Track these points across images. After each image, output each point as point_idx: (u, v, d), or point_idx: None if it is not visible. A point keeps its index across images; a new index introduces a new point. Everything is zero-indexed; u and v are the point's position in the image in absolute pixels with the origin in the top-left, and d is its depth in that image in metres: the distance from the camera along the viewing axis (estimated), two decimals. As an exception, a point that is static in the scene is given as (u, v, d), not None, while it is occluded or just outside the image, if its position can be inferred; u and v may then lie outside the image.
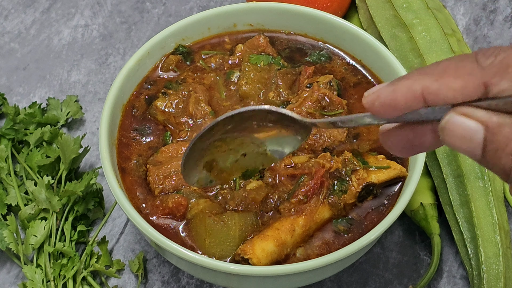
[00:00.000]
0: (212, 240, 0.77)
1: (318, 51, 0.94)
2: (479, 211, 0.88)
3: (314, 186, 0.79)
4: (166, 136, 0.86)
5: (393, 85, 0.55)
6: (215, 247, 0.77)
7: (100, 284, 0.91)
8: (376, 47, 0.90)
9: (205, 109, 0.87)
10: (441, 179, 0.93)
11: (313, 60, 0.93)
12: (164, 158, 0.84)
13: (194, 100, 0.87)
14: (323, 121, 0.65)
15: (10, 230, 0.89)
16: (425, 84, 0.53)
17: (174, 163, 0.82)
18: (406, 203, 0.78)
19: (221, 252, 0.77)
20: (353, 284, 0.92)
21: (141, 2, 1.21)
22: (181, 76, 0.91)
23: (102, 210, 0.97)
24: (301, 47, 0.95)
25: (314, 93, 0.85)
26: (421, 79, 0.53)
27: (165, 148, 0.84)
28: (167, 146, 0.85)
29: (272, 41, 0.94)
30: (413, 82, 0.54)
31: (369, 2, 1.06)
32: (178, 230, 0.80)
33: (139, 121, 0.88)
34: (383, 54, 0.89)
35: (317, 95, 0.85)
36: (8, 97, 1.10)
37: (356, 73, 0.92)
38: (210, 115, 0.86)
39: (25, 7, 1.21)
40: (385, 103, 0.55)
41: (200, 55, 0.94)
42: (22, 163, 0.97)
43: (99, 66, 1.14)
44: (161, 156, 0.84)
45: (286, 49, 0.94)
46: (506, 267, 0.86)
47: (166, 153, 0.84)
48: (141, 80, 0.91)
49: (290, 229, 0.77)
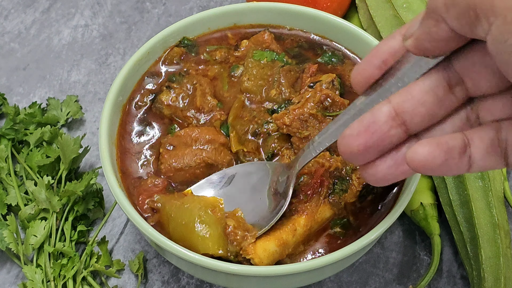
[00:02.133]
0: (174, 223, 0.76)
1: (330, 52, 0.93)
2: (479, 211, 0.88)
3: (314, 185, 0.79)
4: (173, 128, 0.86)
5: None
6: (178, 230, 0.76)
7: (100, 284, 0.91)
8: (376, 47, 0.90)
9: (212, 102, 0.87)
10: (441, 179, 0.93)
11: (324, 61, 0.93)
12: (178, 143, 0.83)
13: (200, 93, 0.87)
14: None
15: (10, 230, 0.89)
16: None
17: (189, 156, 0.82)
18: (406, 203, 0.77)
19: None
20: (353, 284, 0.92)
21: (141, 2, 1.21)
22: (184, 68, 0.91)
23: (102, 210, 0.97)
24: (312, 47, 0.94)
25: (316, 93, 0.85)
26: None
27: (180, 133, 0.84)
28: (184, 130, 0.84)
29: (281, 38, 0.94)
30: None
31: (369, 2, 1.06)
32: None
33: (140, 119, 0.88)
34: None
35: (319, 96, 0.85)
36: (8, 97, 1.10)
37: None
38: (218, 107, 0.86)
39: (25, 7, 1.21)
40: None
41: (205, 48, 0.94)
42: (22, 163, 0.97)
43: (99, 66, 1.14)
44: (176, 139, 0.84)
45: (296, 47, 0.94)
46: (506, 267, 0.86)
47: (181, 138, 0.84)
48: (141, 77, 0.91)
49: (292, 229, 0.77)
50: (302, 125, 0.84)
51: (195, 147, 0.83)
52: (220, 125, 0.86)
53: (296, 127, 0.84)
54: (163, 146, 0.84)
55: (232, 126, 0.85)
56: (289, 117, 0.83)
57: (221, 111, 0.87)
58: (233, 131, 0.85)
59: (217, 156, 0.83)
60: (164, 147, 0.84)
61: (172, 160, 0.82)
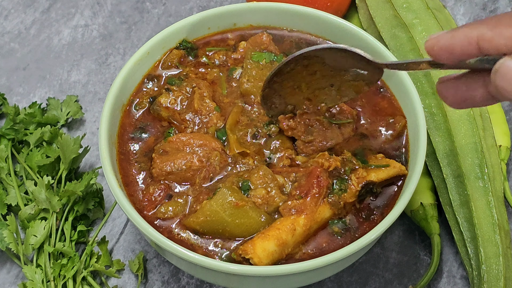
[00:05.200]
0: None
1: None
2: (479, 211, 0.88)
3: (309, 184, 0.79)
4: (171, 131, 0.86)
5: (452, 31, 0.61)
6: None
7: (100, 284, 0.91)
8: (376, 47, 0.90)
9: (210, 105, 0.86)
10: (441, 179, 0.93)
11: None
12: (170, 149, 0.83)
13: (198, 97, 0.87)
14: (391, 63, 0.73)
15: (10, 230, 0.89)
16: (481, 32, 0.58)
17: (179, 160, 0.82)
18: (406, 203, 0.77)
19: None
20: (353, 284, 0.92)
21: (141, 2, 1.21)
22: (183, 72, 0.91)
23: (102, 210, 0.97)
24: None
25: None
26: (478, 27, 0.59)
27: (173, 138, 0.84)
28: (176, 136, 0.84)
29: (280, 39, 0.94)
30: (470, 29, 0.59)
31: (369, 2, 1.06)
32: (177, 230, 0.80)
33: (139, 120, 0.88)
34: (383, 54, 0.89)
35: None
36: (8, 97, 1.10)
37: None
38: (215, 111, 0.86)
39: (25, 7, 1.21)
40: (443, 47, 0.61)
41: (205, 51, 0.94)
42: (22, 163, 0.97)
43: (99, 66, 1.14)
44: (168, 145, 0.84)
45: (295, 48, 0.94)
46: (506, 267, 0.86)
47: (173, 144, 0.84)
48: (141, 78, 0.91)
49: (291, 229, 0.77)
50: (307, 129, 0.84)
51: (186, 152, 0.83)
52: (215, 130, 0.85)
53: (301, 131, 0.84)
54: (156, 151, 0.84)
55: (230, 130, 0.85)
56: (295, 120, 0.83)
57: (218, 114, 0.86)
58: (232, 134, 0.84)
59: (209, 160, 0.82)
60: (157, 152, 0.84)
61: (163, 165, 0.82)
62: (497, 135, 0.98)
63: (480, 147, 0.92)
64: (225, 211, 0.77)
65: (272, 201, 0.79)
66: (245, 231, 0.78)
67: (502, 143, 0.98)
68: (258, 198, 0.79)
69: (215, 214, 0.77)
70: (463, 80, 0.65)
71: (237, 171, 0.82)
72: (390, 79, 0.89)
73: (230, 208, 0.77)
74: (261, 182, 0.80)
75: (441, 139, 0.94)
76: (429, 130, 0.94)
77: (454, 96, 0.66)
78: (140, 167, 0.85)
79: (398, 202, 0.79)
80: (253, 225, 0.78)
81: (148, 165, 0.84)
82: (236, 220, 0.77)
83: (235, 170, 0.82)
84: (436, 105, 0.95)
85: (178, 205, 0.81)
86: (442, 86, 0.67)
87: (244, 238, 0.78)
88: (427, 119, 0.95)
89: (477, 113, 0.96)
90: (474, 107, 0.67)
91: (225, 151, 0.83)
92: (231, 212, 0.77)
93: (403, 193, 0.79)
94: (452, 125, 0.93)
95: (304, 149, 0.84)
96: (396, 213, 0.77)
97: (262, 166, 0.81)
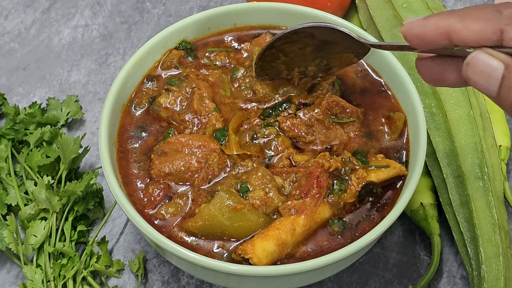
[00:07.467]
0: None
1: None
2: (479, 211, 0.88)
3: (309, 184, 0.79)
4: (170, 132, 0.86)
5: (424, 20, 0.62)
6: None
7: (100, 284, 0.91)
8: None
9: (210, 106, 0.86)
10: (441, 179, 0.93)
11: None
12: (169, 150, 0.83)
13: (198, 97, 0.87)
14: (376, 43, 0.77)
15: (10, 230, 0.89)
16: (450, 23, 0.59)
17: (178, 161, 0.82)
18: (406, 203, 0.77)
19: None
20: (353, 284, 0.92)
21: (141, 2, 1.21)
22: (183, 73, 0.91)
23: (102, 210, 0.97)
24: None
25: (323, 101, 0.85)
26: (448, 18, 0.60)
27: (172, 139, 0.84)
28: (175, 137, 0.84)
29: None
30: (441, 20, 0.60)
31: (369, 2, 1.06)
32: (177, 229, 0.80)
33: (139, 121, 0.88)
34: (383, 54, 0.89)
35: (325, 104, 0.85)
36: (8, 97, 1.10)
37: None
38: (214, 112, 0.86)
39: (25, 7, 1.21)
40: (416, 34, 0.62)
41: (204, 52, 0.94)
42: (22, 163, 0.97)
43: (99, 66, 1.14)
44: (167, 146, 0.84)
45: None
46: (506, 267, 0.86)
47: (172, 145, 0.84)
48: (141, 78, 0.91)
49: (291, 229, 0.77)
50: (308, 130, 0.84)
51: (185, 153, 0.83)
52: (213, 131, 0.85)
53: (302, 131, 0.84)
54: (154, 152, 0.84)
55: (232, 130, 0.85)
56: (296, 120, 0.83)
57: (217, 115, 0.86)
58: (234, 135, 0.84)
59: (208, 161, 0.82)
60: (156, 153, 0.84)
61: (162, 166, 0.82)
62: (497, 135, 0.98)
63: (480, 147, 0.92)
64: (224, 214, 0.77)
65: (270, 202, 0.79)
66: (244, 233, 0.78)
67: (502, 143, 0.98)
68: (257, 199, 0.79)
69: (213, 218, 0.77)
70: (438, 61, 0.67)
71: (235, 173, 0.82)
72: (391, 79, 0.90)
73: (229, 212, 0.77)
74: (260, 183, 0.80)
75: (441, 139, 0.94)
76: (429, 130, 0.94)
77: (429, 74, 0.68)
78: (140, 167, 0.85)
79: (398, 202, 0.79)
80: (252, 227, 0.78)
81: (147, 164, 0.84)
82: (235, 223, 0.77)
83: (234, 171, 0.82)
84: (436, 105, 0.95)
85: (178, 206, 0.81)
86: (420, 63, 0.69)
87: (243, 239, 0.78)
88: (427, 119, 0.95)
89: (477, 113, 0.96)
90: (449, 87, 0.69)
91: (224, 152, 0.83)
92: (230, 216, 0.77)
93: (403, 193, 0.79)
94: (452, 125, 0.93)
95: (305, 149, 0.84)
96: (396, 213, 0.77)
97: (260, 167, 0.81)
